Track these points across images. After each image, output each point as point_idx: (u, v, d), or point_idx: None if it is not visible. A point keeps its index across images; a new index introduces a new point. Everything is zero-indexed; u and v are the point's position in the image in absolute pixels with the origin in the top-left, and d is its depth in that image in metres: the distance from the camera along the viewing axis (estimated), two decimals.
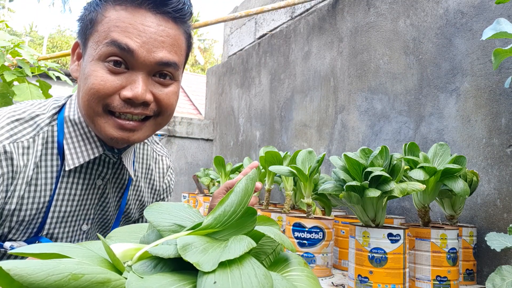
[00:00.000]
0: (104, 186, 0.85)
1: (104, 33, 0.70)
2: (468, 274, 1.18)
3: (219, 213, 0.44)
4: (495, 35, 0.96)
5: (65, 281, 0.34)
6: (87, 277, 0.35)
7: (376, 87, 1.72)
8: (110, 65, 0.70)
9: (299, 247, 1.23)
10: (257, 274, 0.37)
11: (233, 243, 0.41)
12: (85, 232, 0.86)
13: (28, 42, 17.65)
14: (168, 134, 3.05)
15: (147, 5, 0.71)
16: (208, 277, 0.36)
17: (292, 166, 1.26)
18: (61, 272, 0.34)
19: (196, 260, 0.37)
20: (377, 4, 1.75)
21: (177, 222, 0.46)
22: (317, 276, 1.20)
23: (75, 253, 0.40)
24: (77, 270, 0.35)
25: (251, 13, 2.28)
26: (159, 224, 0.45)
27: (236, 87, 2.92)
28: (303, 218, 1.24)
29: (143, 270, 0.40)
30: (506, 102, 1.24)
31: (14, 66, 1.97)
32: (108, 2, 0.72)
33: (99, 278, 0.36)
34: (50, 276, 0.34)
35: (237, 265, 0.38)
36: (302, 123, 2.16)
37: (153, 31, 0.71)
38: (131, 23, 0.70)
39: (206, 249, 0.40)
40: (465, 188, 1.08)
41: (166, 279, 0.37)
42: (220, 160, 1.88)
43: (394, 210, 1.58)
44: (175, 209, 0.48)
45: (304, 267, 0.46)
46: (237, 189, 0.45)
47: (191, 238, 0.41)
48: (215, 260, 0.37)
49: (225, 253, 0.38)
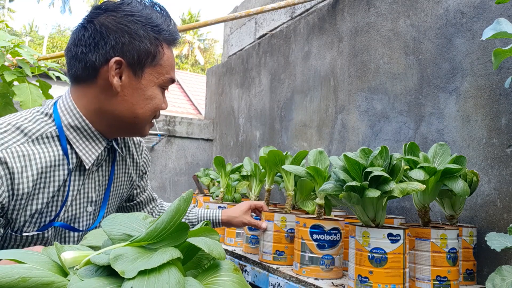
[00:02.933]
0: (102, 170, 1.02)
1: (165, 70, 0.96)
2: (468, 274, 1.18)
3: (151, 229, 0.51)
4: (495, 35, 0.96)
5: (15, 282, 0.42)
6: (34, 279, 0.43)
7: (376, 87, 1.72)
8: (163, 90, 0.99)
9: (318, 249, 1.20)
10: (170, 281, 0.45)
11: (157, 255, 0.48)
12: (90, 213, 1.01)
13: (28, 42, 17.64)
14: (168, 134, 3.05)
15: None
16: (128, 282, 0.44)
17: (309, 167, 1.25)
18: (12, 276, 0.42)
19: (122, 269, 0.45)
20: (377, 4, 1.75)
21: (127, 232, 0.54)
22: (334, 278, 1.20)
23: (31, 259, 0.48)
24: (26, 274, 0.43)
25: (251, 13, 2.28)
26: (110, 234, 0.53)
27: (236, 87, 2.92)
28: (322, 220, 1.23)
29: (85, 274, 0.47)
30: (506, 102, 1.24)
31: (14, 66, 1.97)
32: (164, 42, 0.95)
33: (44, 280, 0.44)
34: (3, 279, 0.42)
35: (155, 273, 0.45)
36: (302, 123, 2.16)
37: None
38: (173, 62, 1.00)
39: (136, 259, 0.47)
40: (465, 188, 1.08)
41: (100, 282, 0.45)
42: (220, 160, 1.88)
43: (394, 210, 1.58)
44: (128, 220, 0.56)
45: (232, 273, 0.54)
46: (170, 209, 0.52)
47: (124, 249, 0.48)
48: (137, 269, 0.45)
49: (145, 263, 0.46)
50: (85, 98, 0.94)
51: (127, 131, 0.99)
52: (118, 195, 1.11)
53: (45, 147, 0.90)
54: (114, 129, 0.98)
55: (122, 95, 0.92)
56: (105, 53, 0.90)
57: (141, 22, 0.92)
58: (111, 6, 0.92)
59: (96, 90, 0.93)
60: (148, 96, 0.94)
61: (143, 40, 0.91)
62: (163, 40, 0.95)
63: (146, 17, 0.93)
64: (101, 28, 0.90)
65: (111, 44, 0.89)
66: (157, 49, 0.94)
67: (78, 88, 0.95)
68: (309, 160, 1.32)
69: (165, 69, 0.96)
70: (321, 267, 1.19)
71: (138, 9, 0.93)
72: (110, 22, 0.90)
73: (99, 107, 0.94)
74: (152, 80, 0.94)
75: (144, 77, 0.93)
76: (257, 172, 1.67)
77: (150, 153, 3.01)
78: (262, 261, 1.40)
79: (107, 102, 0.93)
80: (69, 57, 0.94)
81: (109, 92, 0.92)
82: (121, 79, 0.92)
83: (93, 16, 0.92)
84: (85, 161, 0.94)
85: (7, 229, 0.87)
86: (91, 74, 0.91)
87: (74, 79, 0.95)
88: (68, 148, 0.92)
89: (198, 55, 27.19)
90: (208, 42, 28.68)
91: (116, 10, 0.92)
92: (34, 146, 0.88)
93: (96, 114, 0.94)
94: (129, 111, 0.94)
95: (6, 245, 0.89)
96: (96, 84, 0.92)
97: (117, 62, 0.90)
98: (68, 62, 0.94)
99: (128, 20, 0.91)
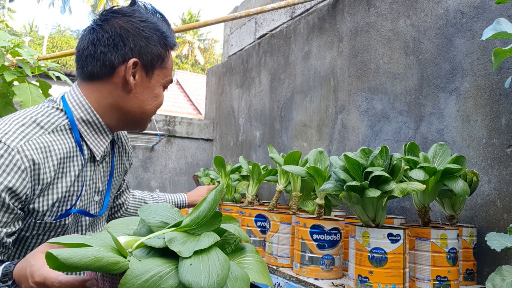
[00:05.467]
0: (106, 161, 1.10)
1: (169, 72, 1.08)
2: (468, 274, 1.18)
3: (195, 216, 0.61)
4: (495, 35, 0.96)
5: (92, 262, 0.51)
6: (105, 259, 0.52)
7: (376, 87, 1.72)
8: (164, 89, 1.10)
9: (318, 249, 1.20)
10: (219, 259, 0.56)
11: (203, 238, 0.58)
12: (97, 202, 1.09)
13: (28, 42, 17.64)
14: (168, 134, 3.05)
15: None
16: (186, 261, 0.54)
17: (309, 167, 1.25)
18: (89, 256, 0.52)
19: (178, 249, 0.55)
20: (377, 4, 1.75)
21: (163, 220, 0.63)
22: (334, 278, 1.20)
23: (94, 243, 0.56)
24: (99, 255, 0.52)
25: (251, 13, 2.28)
26: (150, 221, 0.63)
27: (236, 87, 2.92)
28: (322, 220, 1.23)
29: (140, 255, 0.56)
30: (506, 102, 1.24)
31: (14, 66, 1.97)
32: (169, 47, 1.07)
33: (113, 260, 0.53)
34: (83, 259, 0.51)
35: (206, 253, 0.56)
36: (302, 123, 2.16)
37: None
38: (173, 65, 1.11)
39: (185, 241, 0.57)
40: (465, 188, 1.08)
41: (157, 262, 0.54)
42: (220, 160, 1.88)
43: (394, 210, 1.58)
44: (161, 209, 0.65)
45: (255, 254, 0.65)
46: (209, 199, 0.62)
47: (174, 233, 0.58)
48: (191, 249, 0.55)
49: (198, 245, 0.56)
50: (98, 93, 1.02)
51: (133, 125, 1.09)
52: (117, 184, 1.20)
53: (61, 138, 0.96)
54: (121, 123, 1.06)
55: (134, 93, 1.02)
56: (124, 54, 0.99)
57: (153, 28, 1.02)
58: (126, 11, 1.02)
59: (110, 87, 1.01)
60: (155, 94, 1.06)
61: (156, 44, 1.02)
62: (169, 45, 1.06)
63: (155, 24, 1.03)
64: (121, 31, 0.99)
65: (130, 47, 0.99)
66: (166, 53, 1.05)
67: (91, 84, 1.02)
68: (309, 160, 1.32)
69: (169, 71, 1.08)
70: (321, 267, 1.19)
71: (147, 16, 1.03)
72: (129, 26, 1.00)
73: (112, 102, 1.02)
74: (159, 81, 1.06)
75: (153, 78, 1.04)
76: (254, 171, 1.67)
77: (150, 153, 3.01)
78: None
79: (121, 98, 1.02)
80: (85, 55, 1.00)
81: (123, 89, 1.01)
82: (135, 78, 1.01)
83: (110, 18, 1.01)
84: (95, 152, 1.03)
85: (29, 218, 0.93)
86: (108, 72, 1.00)
87: (88, 76, 1.02)
88: (80, 140, 1.00)
89: (198, 55, 27.19)
90: (208, 42, 28.68)
91: (132, 15, 1.01)
92: (51, 137, 0.94)
93: (108, 109, 1.03)
94: (139, 107, 1.04)
95: (26, 234, 0.95)
96: (111, 81, 1.01)
97: (134, 63, 1.00)
98: (84, 60, 1.01)
99: (143, 25, 1.01)
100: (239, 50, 3.12)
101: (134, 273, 0.52)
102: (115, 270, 0.52)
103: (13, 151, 0.86)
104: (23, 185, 0.87)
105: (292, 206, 1.43)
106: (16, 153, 0.87)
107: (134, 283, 0.51)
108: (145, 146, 2.96)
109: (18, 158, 0.86)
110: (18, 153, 0.87)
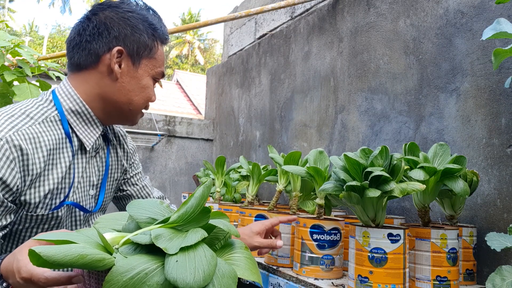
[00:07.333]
0: (100, 156, 1.10)
1: (158, 63, 1.07)
2: (468, 274, 1.18)
3: (183, 212, 0.60)
4: (495, 35, 0.96)
5: (76, 259, 0.50)
6: (90, 257, 0.51)
7: (376, 87, 1.72)
8: (155, 82, 1.09)
9: (318, 249, 1.20)
10: (206, 255, 0.55)
11: (191, 234, 0.57)
12: (92, 196, 1.09)
13: (28, 42, 17.64)
14: (168, 134, 3.05)
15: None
16: (173, 257, 0.53)
17: (309, 167, 1.25)
18: (73, 254, 0.50)
19: (164, 246, 0.54)
20: (377, 4, 1.75)
21: (151, 216, 0.62)
22: (334, 278, 1.20)
23: (79, 239, 0.55)
24: (83, 252, 0.51)
25: (251, 13, 2.28)
26: (137, 218, 0.61)
27: (236, 87, 2.92)
28: (322, 220, 1.23)
29: (126, 252, 0.55)
30: (506, 102, 1.24)
31: (14, 66, 1.97)
32: (158, 39, 1.06)
33: (98, 257, 0.51)
34: (66, 256, 0.50)
35: (192, 249, 0.55)
36: (302, 123, 2.16)
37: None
38: (164, 58, 1.10)
39: (172, 238, 0.56)
40: (465, 188, 1.08)
41: (143, 258, 0.54)
42: (221, 161, 1.88)
43: (394, 210, 1.58)
44: (150, 205, 0.64)
45: (244, 250, 0.64)
46: (196, 195, 0.61)
47: (161, 230, 0.57)
48: (178, 246, 0.54)
49: (184, 241, 0.55)
50: (86, 83, 1.02)
51: (121, 117, 1.08)
52: (113, 179, 1.20)
53: (50, 129, 0.96)
54: (109, 116, 1.06)
55: (121, 82, 1.02)
56: (108, 42, 0.99)
57: (140, 18, 1.03)
58: (113, 3, 1.03)
59: (97, 76, 1.01)
60: (143, 85, 1.05)
61: (142, 33, 1.02)
62: (158, 37, 1.06)
63: (143, 16, 1.04)
64: (106, 19, 1.00)
65: (114, 35, 0.99)
66: (153, 43, 1.05)
67: (79, 75, 1.03)
68: (309, 160, 1.31)
69: (158, 62, 1.07)
70: (321, 267, 1.19)
71: (136, 9, 1.05)
72: (114, 16, 1.00)
73: (99, 92, 1.02)
74: (147, 71, 1.05)
75: (140, 67, 1.04)
76: (254, 171, 1.67)
77: (150, 153, 3.01)
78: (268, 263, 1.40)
79: (108, 87, 1.02)
80: (72, 46, 1.02)
81: (109, 78, 1.01)
82: (121, 67, 1.01)
83: (97, 10, 1.02)
84: (85, 143, 1.02)
85: (21, 211, 0.93)
86: (93, 60, 1.00)
87: (76, 67, 1.02)
88: (69, 131, 1.00)
89: (198, 55, 27.19)
90: (208, 42, 28.68)
91: (119, 6, 1.03)
92: (40, 128, 0.94)
93: (96, 99, 1.03)
94: (126, 97, 1.03)
95: (19, 227, 0.95)
96: (97, 70, 1.01)
97: (119, 51, 0.99)
98: (71, 51, 1.02)
99: (129, 15, 1.02)
100: (239, 50, 3.12)
101: (120, 270, 0.51)
102: (100, 267, 0.51)
103: (1, 141, 0.86)
104: (12, 175, 0.86)
105: (292, 206, 1.43)
106: (5, 142, 0.86)
107: (119, 280, 0.50)
108: (145, 146, 2.96)
109: (6, 147, 0.86)
110: (6, 142, 0.87)
